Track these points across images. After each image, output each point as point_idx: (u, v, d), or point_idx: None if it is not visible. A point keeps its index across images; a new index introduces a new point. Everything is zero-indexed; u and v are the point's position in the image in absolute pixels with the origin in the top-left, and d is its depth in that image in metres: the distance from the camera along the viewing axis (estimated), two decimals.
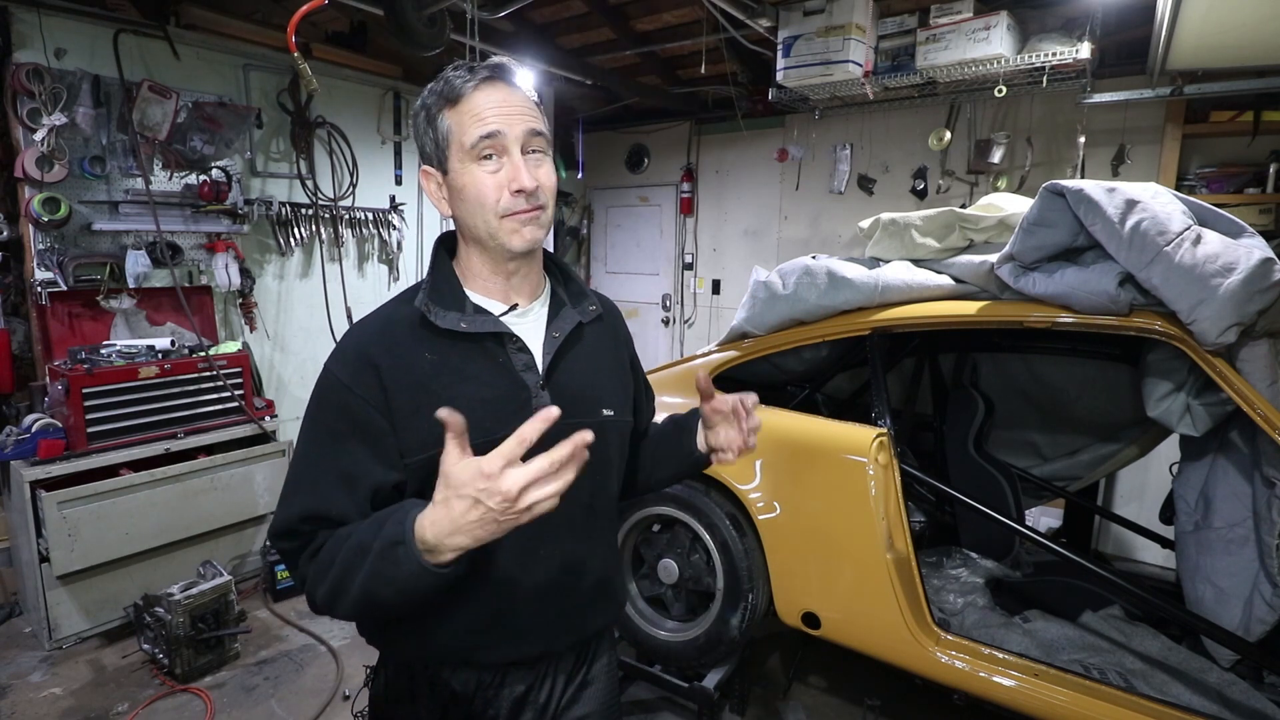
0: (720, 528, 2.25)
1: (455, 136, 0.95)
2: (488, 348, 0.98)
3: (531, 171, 0.95)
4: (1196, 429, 1.94)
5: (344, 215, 3.79)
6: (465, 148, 0.94)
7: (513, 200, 0.94)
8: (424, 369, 0.94)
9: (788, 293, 2.28)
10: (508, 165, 0.94)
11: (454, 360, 0.96)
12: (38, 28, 2.71)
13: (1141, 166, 3.47)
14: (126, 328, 3.08)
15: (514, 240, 0.96)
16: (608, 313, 1.16)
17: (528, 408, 0.97)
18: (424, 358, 0.95)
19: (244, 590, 3.21)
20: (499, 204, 0.94)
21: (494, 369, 0.98)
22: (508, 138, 0.93)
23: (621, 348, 1.18)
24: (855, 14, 3.18)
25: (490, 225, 0.96)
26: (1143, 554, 3.55)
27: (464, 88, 0.94)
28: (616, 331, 1.18)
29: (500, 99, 0.94)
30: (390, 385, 0.93)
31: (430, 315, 0.95)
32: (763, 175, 4.83)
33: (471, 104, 0.94)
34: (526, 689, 1.04)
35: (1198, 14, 2.38)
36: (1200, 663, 1.91)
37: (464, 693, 1.02)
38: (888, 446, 2.01)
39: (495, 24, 3.54)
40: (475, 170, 0.94)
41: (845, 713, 2.50)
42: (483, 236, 0.97)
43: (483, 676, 1.02)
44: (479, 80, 0.94)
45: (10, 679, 2.60)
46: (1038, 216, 1.86)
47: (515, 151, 0.94)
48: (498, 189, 0.94)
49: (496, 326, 0.98)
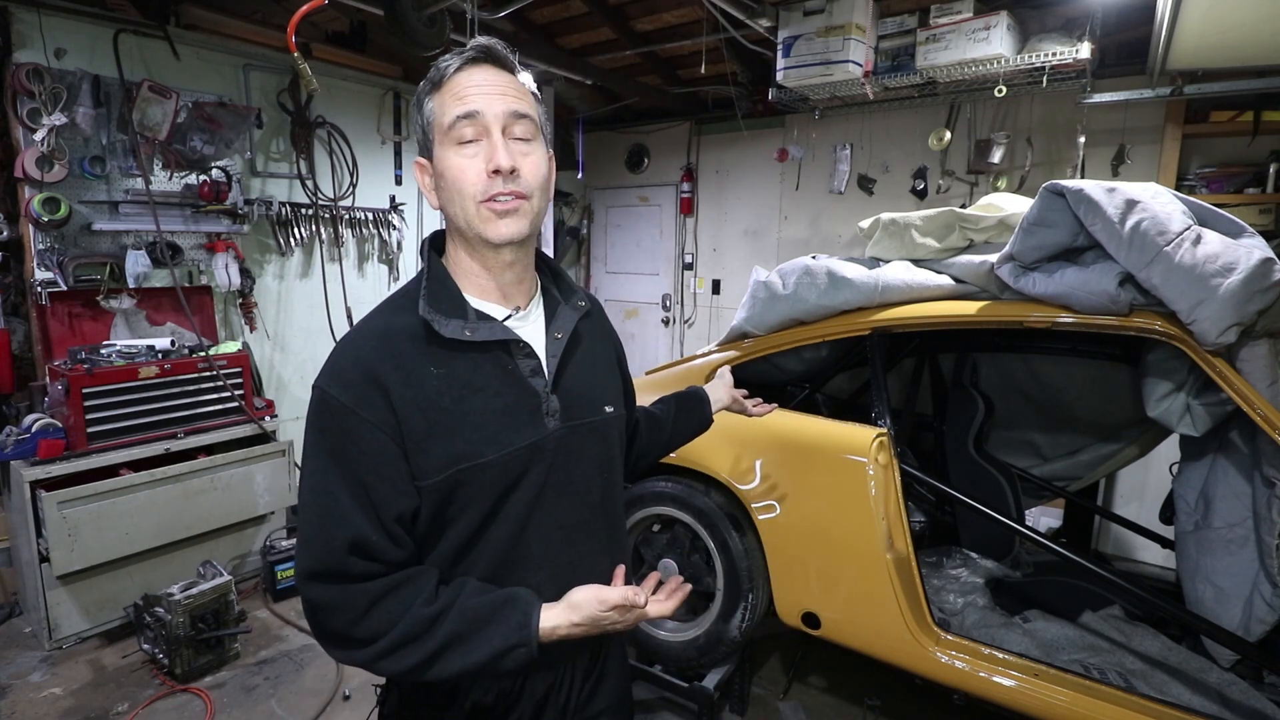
0: (720, 528, 2.25)
1: (437, 118, 0.91)
2: (495, 355, 0.94)
3: (510, 153, 0.89)
4: (1196, 429, 1.93)
5: (344, 215, 3.79)
6: (444, 129, 0.90)
7: (489, 183, 0.89)
8: (432, 385, 0.89)
9: (788, 293, 2.28)
10: (485, 146, 0.89)
11: (461, 372, 0.91)
12: (38, 28, 2.71)
13: (1141, 166, 3.47)
14: (126, 328, 3.08)
15: (489, 230, 0.91)
16: (595, 308, 1.14)
17: (538, 414, 0.96)
18: (430, 372, 0.90)
19: (244, 590, 3.21)
20: (476, 188, 0.89)
21: (503, 377, 0.94)
22: (487, 117, 0.89)
23: (610, 343, 1.17)
24: (855, 14, 3.18)
25: (468, 213, 0.91)
26: (1143, 554, 3.55)
27: (448, 69, 0.91)
28: (604, 327, 1.16)
29: (483, 79, 0.90)
30: (400, 407, 0.87)
31: (434, 325, 0.90)
32: (763, 175, 4.83)
33: (453, 84, 0.91)
34: (546, 690, 1.02)
35: (1198, 14, 2.38)
36: (1200, 663, 1.90)
37: (484, 702, 0.99)
38: (888, 446, 2.01)
39: (495, 24, 3.54)
40: (453, 156, 0.90)
41: (845, 713, 2.50)
42: (462, 227, 0.93)
43: (503, 684, 0.99)
44: (464, 60, 0.91)
45: (10, 679, 2.60)
46: (1038, 216, 1.86)
47: (495, 132, 0.89)
48: (477, 173, 0.89)
49: (504, 334, 0.95)
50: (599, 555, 1.04)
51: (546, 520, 0.97)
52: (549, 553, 0.98)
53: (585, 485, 1.01)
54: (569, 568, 0.99)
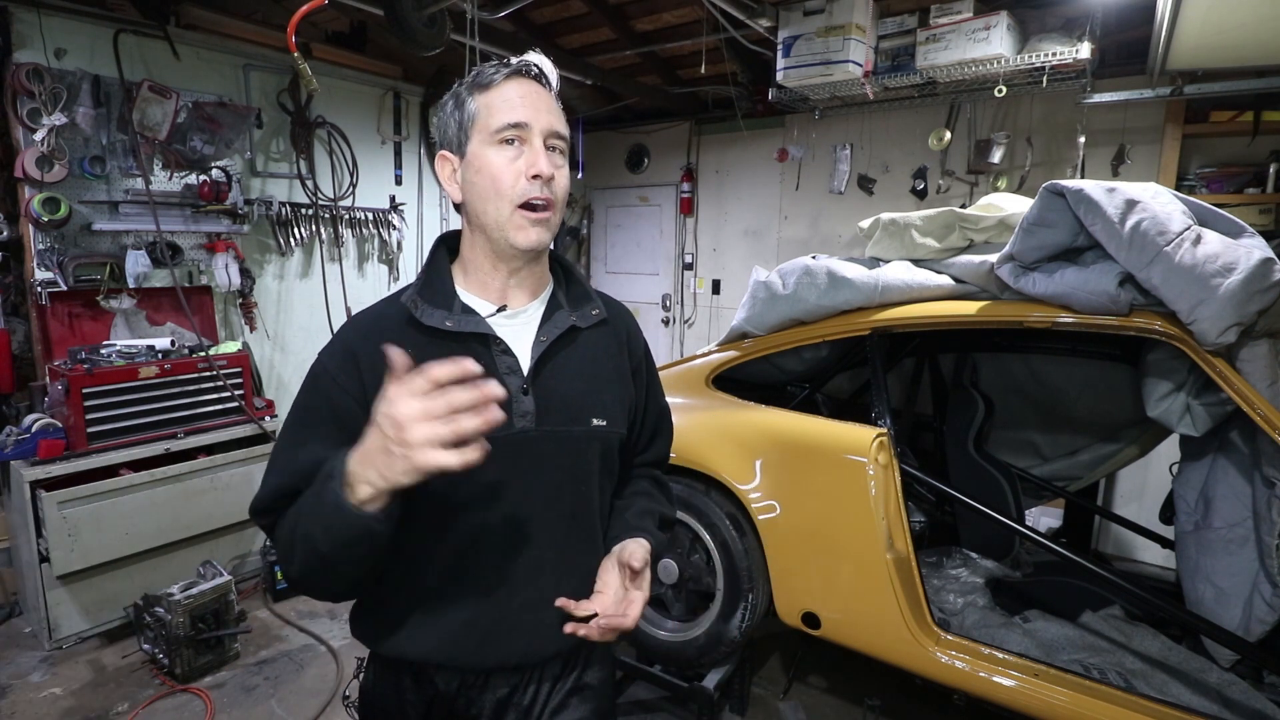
0: (720, 528, 2.25)
1: (481, 119, 0.96)
2: (472, 348, 0.97)
3: (552, 162, 0.96)
4: (1196, 429, 1.93)
5: (344, 215, 3.79)
6: (490, 130, 0.95)
7: (529, 186, 0.94)
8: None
9: (788, 293, 2.28)
10: (528, 152, 0.95)
11: (433, 358, 0.92)
12: (38, 28, 2.71)
13: (1141, 166, 3.47)
14: (126, 328, 3.08)
15: (519, 236, 0.96)
16: (615, 318, 1.12)
17: (507, 411, 0.94)
18: (406, 353, 0.93)
19: (244, 590, 3.21)
20: (514, 189, 0.95)
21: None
22: (532, 129, 0.95)
23: (627, 357, 1.13)
24: (855, 14, 3.18)
25: (501, 214, 0.96)
26: (1143, 554, 3.55)
27: (497, 76, 0.97)
28: (623, 338, 1.13)
29: (532, 91, 0.97)
30: (368, 377, 0.93)
31: (415, 312, 0.96)
32: (763, 175, 4.83)
33: (502, 91, 0.96)
34: (510, 691, 1.03)
35: (1198, 14, 2.38)
36: (1200, 663, 1.90)
37: (447, 690, 1.02)
38: (888, 446, 2.01)
39: (495, 24, 3.53)
40: (493, 154, 0.95)
41: (845, 713, 2.50)
42: (490, 225, 0.97)
43: (466, 676, 1.02)
44: (513, 71, 0.97)
45: (10, 679, 2.60)
46: (1038, 216, 1.86)
47: (537, 142, 0.95)
48: (515, 175, 0.95)
49: (480, 327, 0.98)
50: (566, 565, 1.03)
51: (507, 520, 0.98)
52: (507, 553, 0.99)
53: (555, 492, 1.01)
54: (531, 571, 1.00)
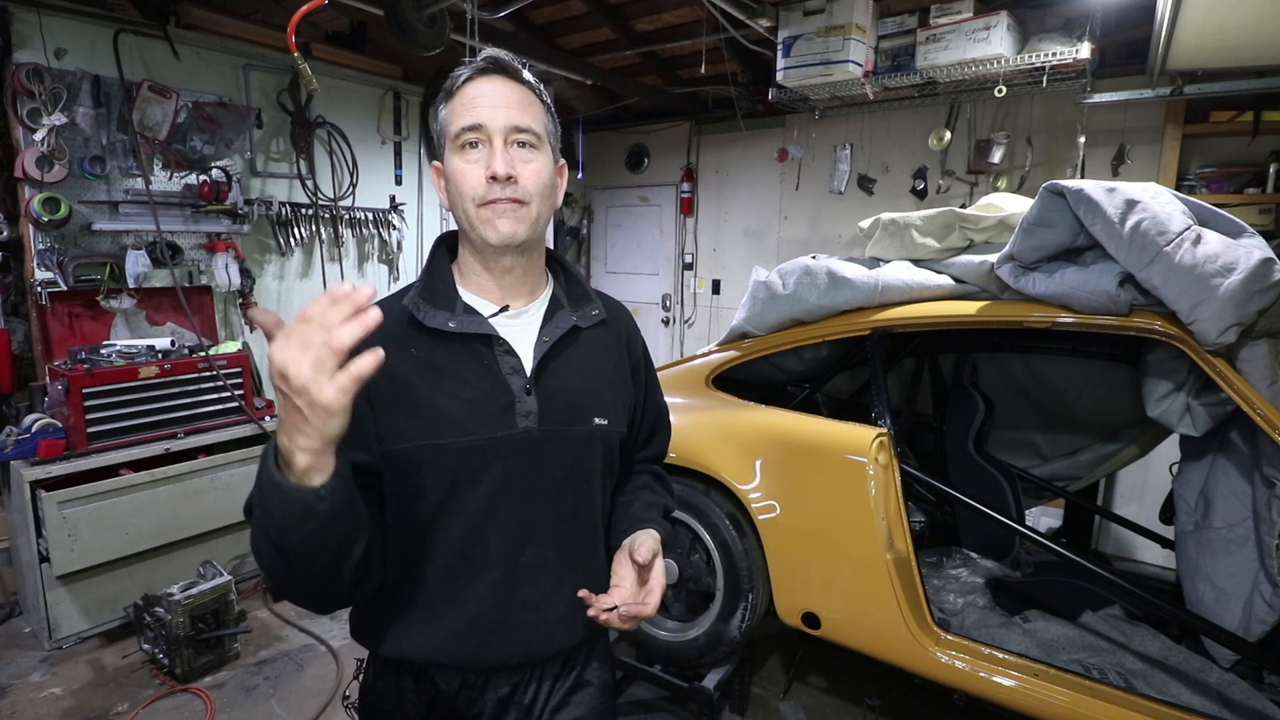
0: (720, 528, 2.25)
1: (447, 126, 0.97)
2: (475, 349, 0.98)
3: (508, 161, 0.94)
4: (1196, 429, 1.93)
5: (344, 215, 3.79)
6: (452, 137, 0.96)
7: (488, 188, 0.94)
8: (408, 363, 0.95)
9: (788, 293, 2.28)
10: (486, 154, 0.95)
11: (439, 359, 0.96)
12: (38, 28, 2.71)
13: (1141, 166, 3.47)
14: (126, 328, 3.08)
15: (488, 231, 0.96)
16: (615, 318, 1.13)
17: (510, 411, 0.96)
18: (410, 353, 0.95)
19: (244, 590, 3.21)
20: (475, 192, 0.95)
21: (479, 370, 0.97)
22: (490, 129, 0.94)
23: (627, 357, 1.14)
24: (855, 14, 3.18)
25: (469, 214, 0.96)
26: (1143, 554, 3.55)
27: (459, 79, 0.97)
28: (622, 338, 1.14)
29: (491, 90, 0.95)
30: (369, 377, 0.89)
31: (418, 314, 0.96)
32: (763, 175, 4.83)
33: (463, 95, 0.96)
34: (511, 690, 1.03)
35: (1198, 14, 2.38)
36: (1200, 663, 1.91)
37: (448, 690, 1.01)
38: (888, 446, 2.01)
39: (495, 24, 3.54)
40: (458, 160, 0.96)
41: (845, 713, 2.50)
42: (465, 227, 0.99)
43: (467, 676, 1.01)
44: (474, 72, 0.96)
45: (10, 679, 2.60)
46: (1038, 216, 1.86)
47: (497, 141, 0.94)
48: (476, 178, 0.95)
49: (483, 328, 0.98)
50: (568, 564, 1.03)
51: (510, 520, 0.98)
52: (509, 552, 0.98)
53: (557, 491, 1.01)
54: (532, 570, 1.00)
